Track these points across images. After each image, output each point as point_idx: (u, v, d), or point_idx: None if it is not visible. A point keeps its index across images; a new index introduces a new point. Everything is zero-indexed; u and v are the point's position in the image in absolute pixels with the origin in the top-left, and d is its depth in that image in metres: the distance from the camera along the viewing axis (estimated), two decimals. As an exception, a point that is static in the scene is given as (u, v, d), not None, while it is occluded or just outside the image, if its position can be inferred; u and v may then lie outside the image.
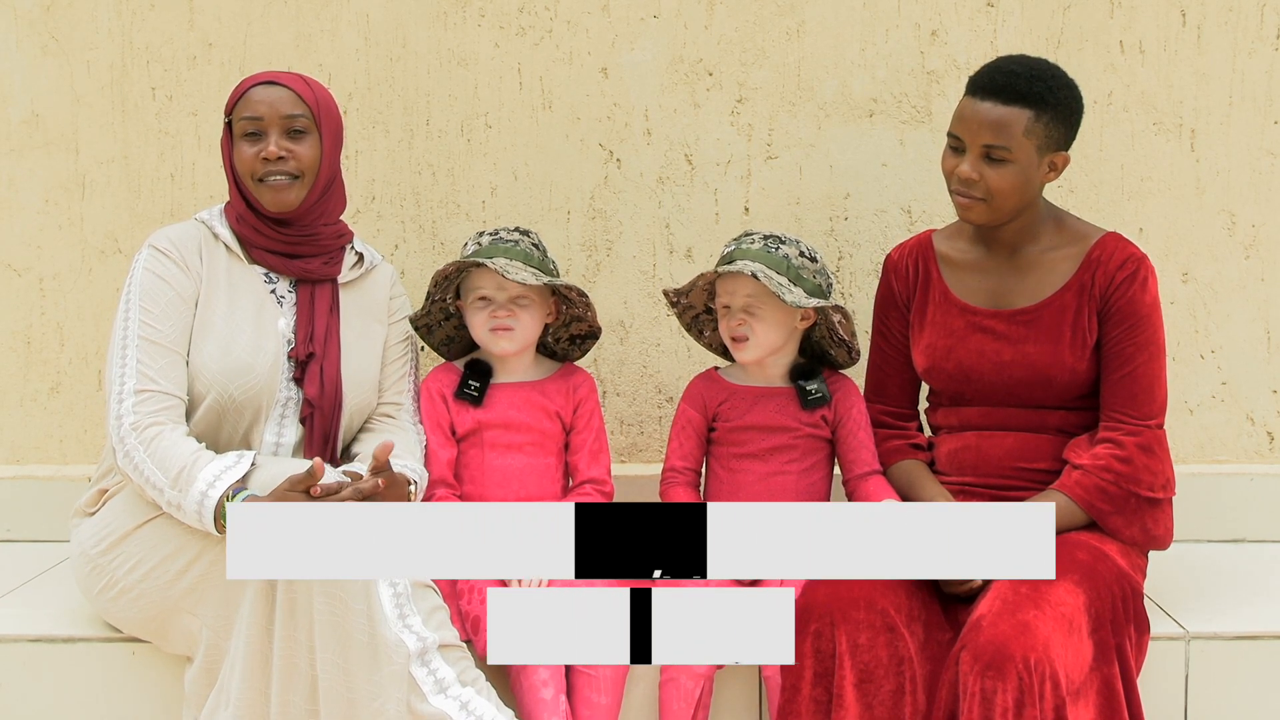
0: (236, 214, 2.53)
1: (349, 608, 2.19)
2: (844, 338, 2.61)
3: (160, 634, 2.41)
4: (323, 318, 2.53)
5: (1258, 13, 3.06)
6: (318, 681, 2.20)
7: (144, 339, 2.41)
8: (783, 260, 2.54)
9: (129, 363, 2.40)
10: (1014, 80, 2.42)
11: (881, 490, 2.59)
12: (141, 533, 2.38)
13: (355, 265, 2.62)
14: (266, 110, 2.46)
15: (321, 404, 2.49)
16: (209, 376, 2.43)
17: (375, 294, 2.64)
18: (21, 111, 3.11)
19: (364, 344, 2.59)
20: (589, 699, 2.41)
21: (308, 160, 2.48)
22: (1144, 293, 2.50)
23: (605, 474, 2.68)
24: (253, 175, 2.47)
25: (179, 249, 2.48)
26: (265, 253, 2.52)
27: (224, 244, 2.53)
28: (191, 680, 2.35)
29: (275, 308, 2.52)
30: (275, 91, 2.48)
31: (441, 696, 2.20)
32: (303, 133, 2.48)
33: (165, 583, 2.34)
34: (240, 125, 2.48)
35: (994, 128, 2.42)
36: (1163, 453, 2.52)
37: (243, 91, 2.50)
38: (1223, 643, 2.54)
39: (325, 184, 2.53)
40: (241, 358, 2.44)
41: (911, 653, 2.27)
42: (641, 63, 3.08)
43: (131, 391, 2.37)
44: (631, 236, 3.12)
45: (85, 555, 2.45)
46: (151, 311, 2.42)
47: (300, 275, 2.53)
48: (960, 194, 2.48)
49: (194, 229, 2.54)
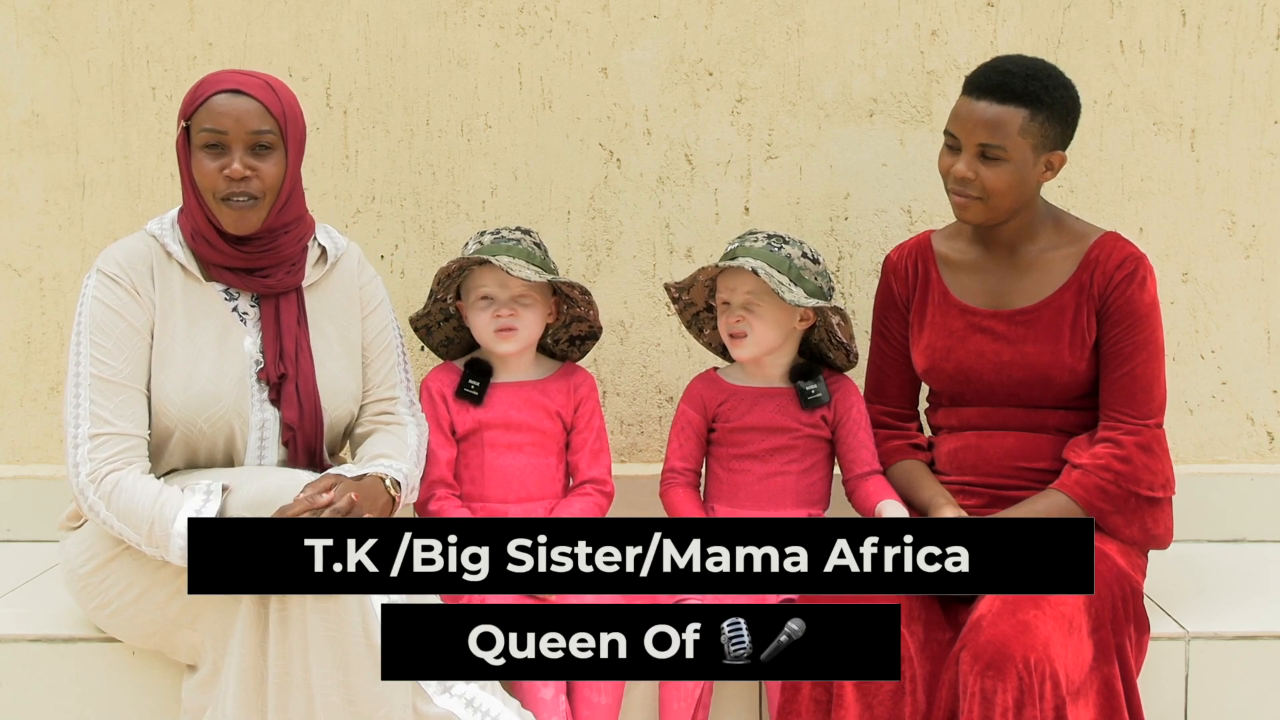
0: (191, 229, 2.38)
1: (344, 618, 2.14)
2: (842, 340, 2.61)
3: (166, 646, 2.38)
4: (290, 332, 2.40)
5: (1258, 13, 3.06)
6: (314, 700, 2.15)
7: (96, 377, 2.29)
8: (784, 260, 2.54)
9: (82, 405, 2.28)
10: (1009, 79, 2.43)
11: (881, 490, 2.59)
12: (128, 555, 2.31)
13: (319, 262, 2.49)
14: (232, 125, 2.31)
15: (302, 425, 2.40)
16: (174, 411, 2.33)
17: (344, 289, 2.52)
18: (21, 111, 3.11)
19: (338, 350, 2.49)
20: (589, 699, 2.40)
21: (271, 180, 2.34)
22: (1142, 292, 2.50)
23: (606, 474, 2.68)
24: (214, 193, 2.32)
25: (129, 274, 2.35)
26: (223, 270, 2.39)
27: (178, 263, 2.39)
28: (190, 690, 2.32)
29: (240, 327, 2.41)
30: (241, 103, 2.32)
31: (446, 696, 2.19)
32: (269, 149, 2.34)
33: (160, 602, 2.30)
34: (201, 135, 2.32)
35: (989, 127, 2.42)
36: (1162, 452, 2.52)
37: (204, 98, 2.33)
38: (1223, 643, 2.53)
39: (286, 197, 2.40)
40: (205, 387, 2.34)
41: (911, 652, 2.27)
42: (641, 62, 3.08)
43: (86, 437, 2.27)
44: (631, 236, 3.12)
45: (75, 573, 2.40)
46: (103, 346, 2.31)
47: (263, 291, 2.41)
48: (956, 193, 2.48)
49: (144, 247, 2.39)
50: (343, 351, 2.50)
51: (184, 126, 2.36)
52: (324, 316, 2.49)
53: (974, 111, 2.44)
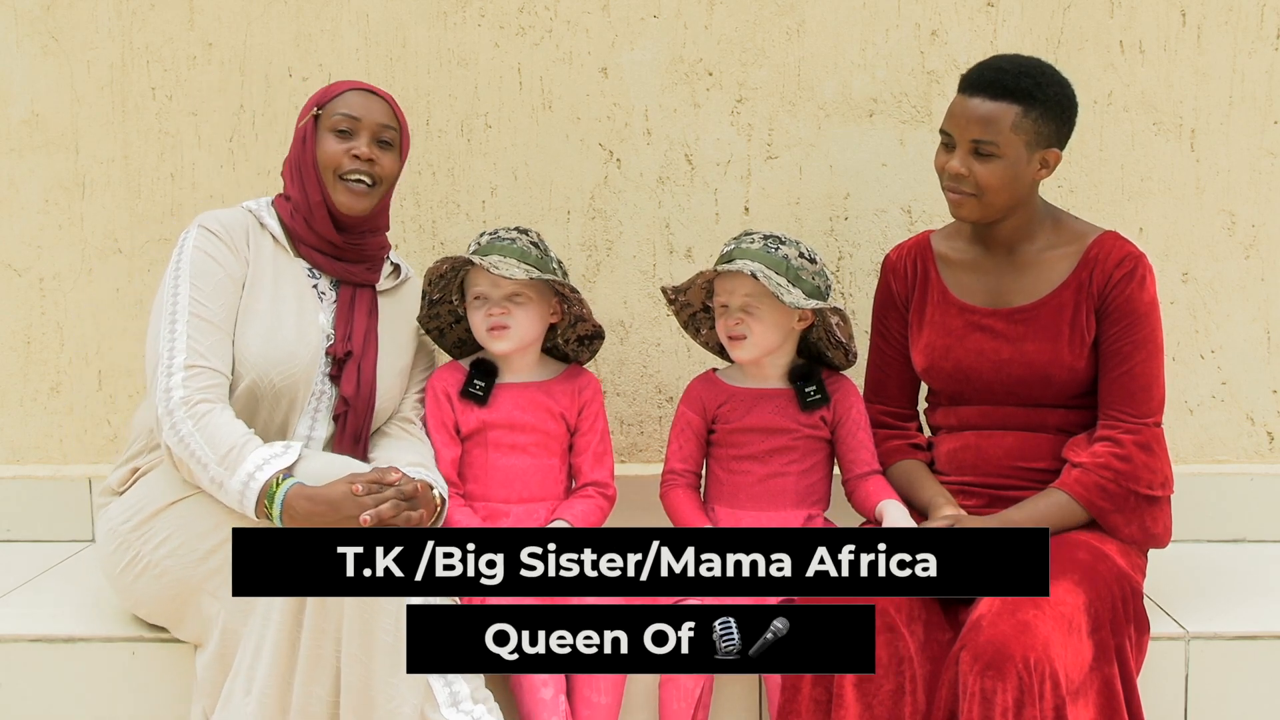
0: (291, 208, 2.56)
1: (379, 608, 2.22)
2: (841, 340, 2.61)
3: (177, 616, 2.42)
4: (362, 319, 2.57)
5: (1258, 13, 3.06)
6: (341, 675, 2.23)
7: (194, 315, 2.42)
8: (782, 261, 2.54)
9: (179, 337, 2.40)
10: (1001, 76, 2.44)
11: (881, 490, 2.59)
12: (174, 510, 2.39)
13: (392, 274, 2.69)
14: (364, 113, 2.53)
15: (356, 403, 2.53)
16: (251, 360, 2.45)
17: (409, 308, 2.69)
18: (21, 111, 3.11)
19: (397, 350, 2.63)
20: (589, 699, 2.41)
21: (388, 171, 2.56)
22: (1142, 291, 2.51)
23: (608, 477, 2.68)
24: (336, 170, 2.51)
25: (228, 231, 2.51)
26: (312, 250, 2.56)
27: (270, 234, 2.56)
28: (204, 666, 2.36)
29: (316, 302, 2.55)
30: (373, 100, 2.55)
31: (454, 710, 2.24)
32: (390, 145, 2.56)
33: (191, 562, 2.36)
34: (334, 120, 2.52)
35: (981, 123, 2.43)
36: (1161, 451, 2.52)
37: (340, 91, 2.56)
38: (1223, 643, 2.54)
39: (389, 195, 2.61)
40: (285, 345, 2.47)
41: (911, 652, 2.27)
42: (641, 63, 3.08)
43: (181, 366, 2.38)
44: (631, 236, 3.12)
45: (114, 532, 2.46)
46: (202, 289, 2.44)
47: (343, 276, 2.57)
48: (951, 190, 2.49)
49: (241, 216, 2.56)
50: (398, 353, 2.64)
51: (314, 114, 2.56)
52: (390, 319, 2.65)
53: (967, 108, 2.45)
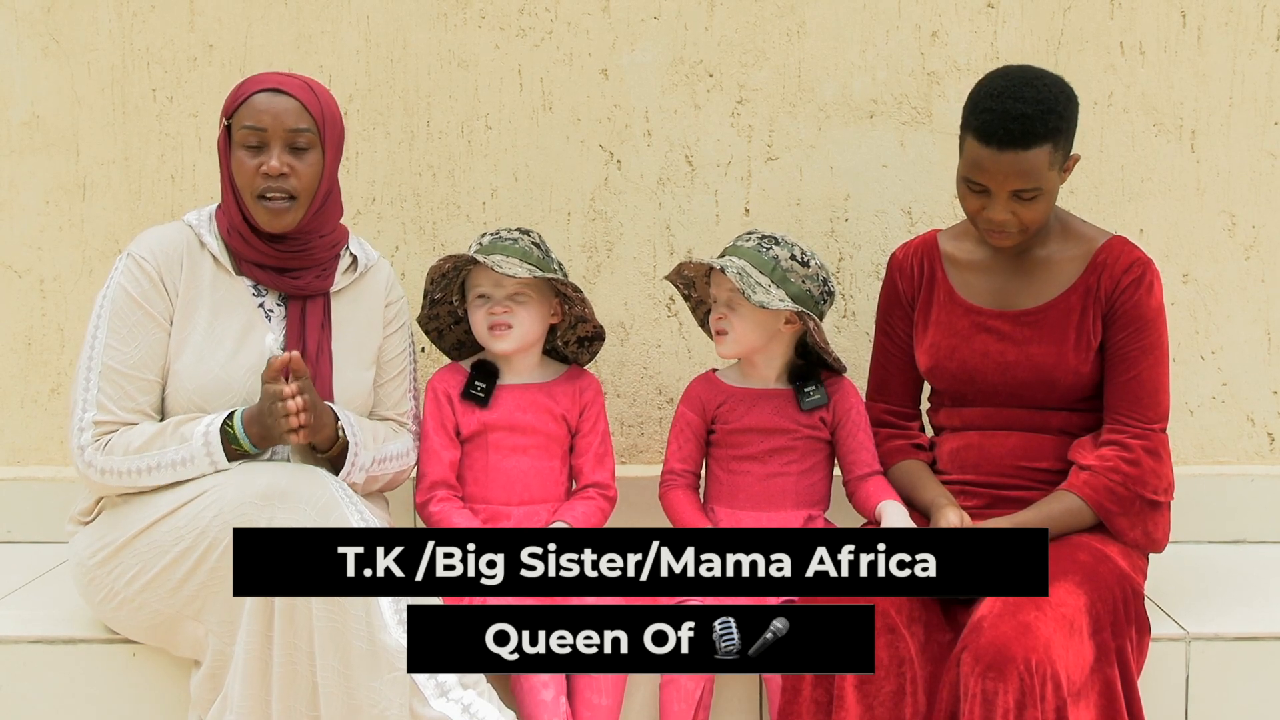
0: (228, 225, 2.44)
1: (348, 614, 2.19)
2: (820, 344, 2.59)
3: (168, 640, 2.39)
4: (314, 334, 2.46)
5: (1258, 13, 3.06)
6: (318, 688, 2.20)
7: (108, 366, 2.37)
8: (770, 261, 2.54)
9: (91, 390, 2.37)
10: (1027, 124, 2.37)
11: (881, 491, 2.58)
12: (138, 544, 2.34)
13: (349, 270, 2.55)
14: (270, 121, 2.36)
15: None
16: (183, 398, 2.39)
17: (370, 300, 2.57)
18: (22, 113, 3.11)
19: (356, 357, 2.53)
20: (589, 700, 2.41)
21: (307, 179, 2.40)
22: (1149, 297, 2.50)
23: (609, 478, 2.67)
24: (251, 190, 2.38)
25: (159, 260, 2.41)
26: (255, 267, 2.45)
27: (210, 253, 2.45)
28: (198, 684, 2.34)
29: (263, 322, 2.45)
30: (280, 101, 2.38)
31: (443, 700, 2.21)
32: (306, 149, 2.39)
33: (166, 592, 2.32)
34: (241, 134, 2.38)
35: (1021, 175, 2.38)
36: (1166, 457, 2.52)
37: (246, 96, 2.39)
38: (1223, 643, 2.53)
39: (323, 198, 2.45)
40: (216, 374, 2.39)
41: (912, 653, 2.27)
42: (642, 64, 3.08)
43: (90, 423, 2.36)
44: (632, 238, 3.12)
45: (83, 566, 2.42)
46: (119, 333, 2.38)
47: (291, 292, 2.46)
48: (993, 232, 2.46)
49: (179, 235, 2.45)
50: (359, 360, 2.54)
51: (225, 125, 2.42)
52: (347, 322, 2.53)
53: (1001, 163, 2.38)
